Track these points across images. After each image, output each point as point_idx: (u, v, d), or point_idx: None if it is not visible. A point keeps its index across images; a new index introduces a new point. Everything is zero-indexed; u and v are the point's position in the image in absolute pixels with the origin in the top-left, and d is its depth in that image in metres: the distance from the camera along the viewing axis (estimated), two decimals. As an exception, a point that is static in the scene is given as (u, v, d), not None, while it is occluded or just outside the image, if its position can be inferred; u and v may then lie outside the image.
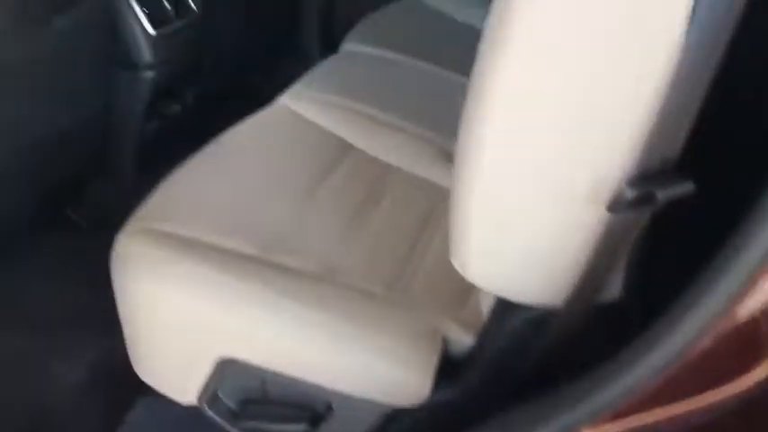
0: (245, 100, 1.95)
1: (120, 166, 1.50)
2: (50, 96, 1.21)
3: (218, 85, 1.76)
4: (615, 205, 0.58)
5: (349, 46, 1.56)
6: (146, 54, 1.37)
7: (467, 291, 0.94)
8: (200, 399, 0.92)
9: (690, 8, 0.52)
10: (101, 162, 1.48)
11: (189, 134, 1.71)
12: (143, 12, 1.35)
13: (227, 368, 0.87)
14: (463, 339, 0.87)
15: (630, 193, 0.57)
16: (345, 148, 1.19)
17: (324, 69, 1.43)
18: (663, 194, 0.56)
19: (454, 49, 1.62)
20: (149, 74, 1.39)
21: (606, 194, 0.58)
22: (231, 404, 0.90)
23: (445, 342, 0.86)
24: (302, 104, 1.26)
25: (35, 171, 1.26)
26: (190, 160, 1.10)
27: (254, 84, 2.03)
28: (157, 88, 1.44)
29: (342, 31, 2.07)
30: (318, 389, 0.85)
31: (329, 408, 0.87)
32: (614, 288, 0.69)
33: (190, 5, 1.48)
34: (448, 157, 1.23)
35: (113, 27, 1.32)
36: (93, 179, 1.51)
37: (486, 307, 0.86)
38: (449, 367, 0.85)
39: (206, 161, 1.10)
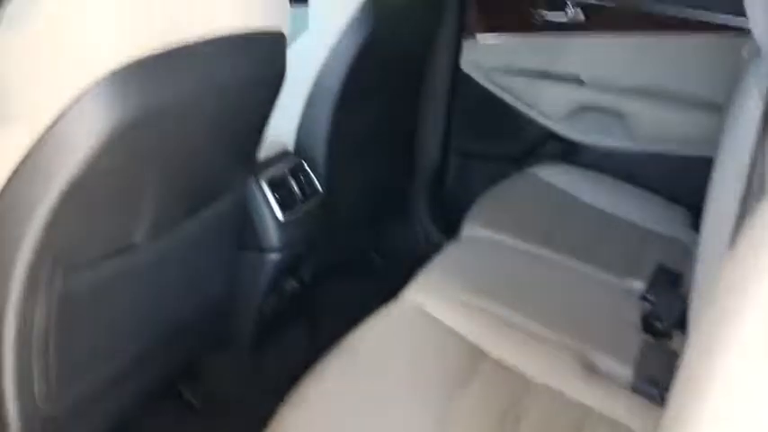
0: (359, 268, 1.97)
1: (236, 343, 1.48)
2: (179, 284, 1.21)
3: (335, 257, 1.75)
4: None
5: (470, 230, 1.53)
6: (273, 238, 1.38)
7: None
8: None
9: None
10: (217, 339, 1.46)
11: (304, 308, 1.71)
12: (274, 197, 1.38)
13: None
14: None
15: None
16: (479, 355, 1.12)
17: (448, 259, 1.39)
18: None
19: (581, 233, 1.58)
20: (275, 256, 1.40)
21: None
22: None
23: None
24: (430, 301, 1.22)
25: (155, 357, 1.25)
26: (322, 364, 1.05)
27: (366, 250, 2.04)
28: (280, 269, 1.43)
29: (453, 195, 2.10)
30: None
31: None
32: None
33: (316, 187, 1.51)
34: (588, 367, 1.15)
35: (245, 213, 1.34)
36: (207, 356, 1.50)
37: None
38: None
39: (338, 369, 1.05)
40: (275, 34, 1.09)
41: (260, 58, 1.08)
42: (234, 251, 1.33)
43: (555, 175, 1.83)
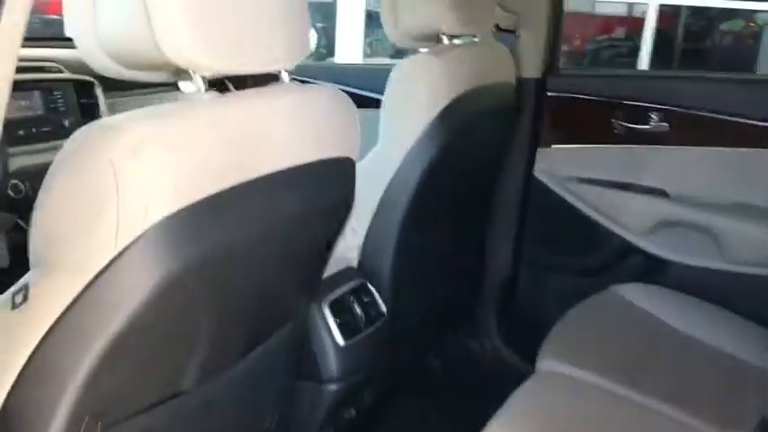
0: (421, 385, 1.85)
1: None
2: (229, 423, 1.11)
3: (397, 378, 1.64)
4: None
5: (547, 364, 1.39)
6: (333, 367, 1.29)
7: None
8: None
9: None
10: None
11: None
12: (335, 322, 1.29)
13: None
14: None
15: None
16: None
17: (523, 402, 1.25)
18: None
19: (672, 368, 1.42)
20: (333, 387, 1.30)
21: None
22: None
23: None
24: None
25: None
26: None
27: (429, 365, 1.92)
28: (339, 399, 1.33)
29: (525, 309, 1.96)
30: None
31: None
32: None
33: (380, 309, 1.41)
34: None
35: (304, 341, 1.25)
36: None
37: None
38: None
39: None
40: (345, 160, 1.03)
41: (328, 186, 1.01)
42: (290, 382, 1.23)
43: (639, 296, 1.68)
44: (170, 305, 0.78)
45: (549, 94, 1.87)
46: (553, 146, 1.89)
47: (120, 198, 0.71)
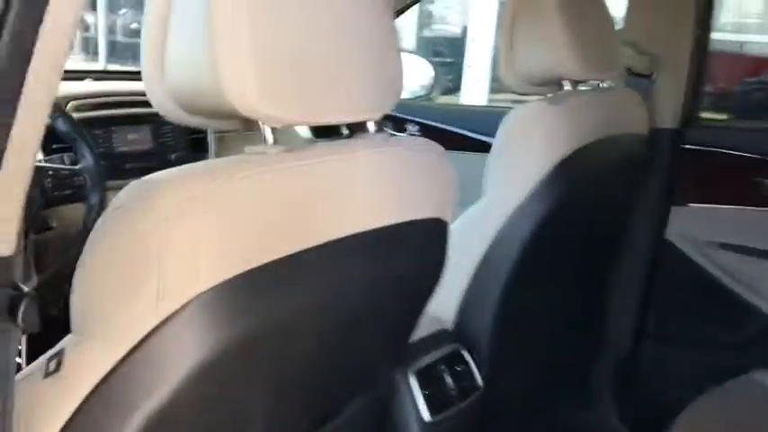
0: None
1: None
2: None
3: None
4: None
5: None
6: (414, 448, 1.15)
7: None
8: None
9: None
10: None
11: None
12: (423, 394, 1.16)
13: None
14: None
15: None
16: None
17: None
18: None
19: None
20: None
21: None
22: None
23: None
24: None
25: None
26: None
27: (528, 428, 1.73)
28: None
29: (647, 386, 1.75)
30: None
31: None
32: None
33: (476, 381, 1.27)
34: None
35: (385, 414, 1.13)
36: None
37: None
38: None
39: None
40: (436, 222, 0.91)
41: (414, 250, 0.90)
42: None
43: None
44: (217, 381, 0.69)
45: (686, 146, 1.66)
46: (690, 205, 1.67)
47: (163, 263, 0.63)
